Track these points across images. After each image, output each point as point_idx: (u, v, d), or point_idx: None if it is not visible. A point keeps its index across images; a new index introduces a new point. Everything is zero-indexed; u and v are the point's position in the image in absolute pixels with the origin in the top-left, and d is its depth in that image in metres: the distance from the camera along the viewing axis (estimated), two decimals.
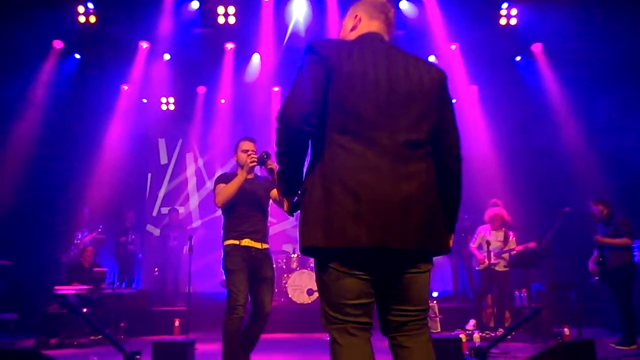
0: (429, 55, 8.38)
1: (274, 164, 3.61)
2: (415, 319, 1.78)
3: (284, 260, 8.03)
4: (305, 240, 1.73)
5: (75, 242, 7.28)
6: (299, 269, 7.60)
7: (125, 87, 8.91)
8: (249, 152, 3.73)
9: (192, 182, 10.21)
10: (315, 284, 6.13)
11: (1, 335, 5.82)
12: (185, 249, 8.63)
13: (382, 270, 1.73)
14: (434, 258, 1.84)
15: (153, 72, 8.61)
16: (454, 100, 2.54)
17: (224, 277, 3.81)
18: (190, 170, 10.25)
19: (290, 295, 7.33)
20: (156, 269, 8.46)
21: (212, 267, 9.37)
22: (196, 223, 9.90)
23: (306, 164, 1.84)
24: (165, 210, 9.98)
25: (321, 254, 1.73)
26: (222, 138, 9.88)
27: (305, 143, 1.78)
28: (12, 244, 6.54)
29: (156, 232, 9.62)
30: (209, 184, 10.16)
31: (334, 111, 1.73)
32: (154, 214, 10.05)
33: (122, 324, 6.53)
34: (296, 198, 1.87)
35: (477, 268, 6.59)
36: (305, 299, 7.34)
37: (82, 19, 7.34)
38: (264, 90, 9.31)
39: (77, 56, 8.01)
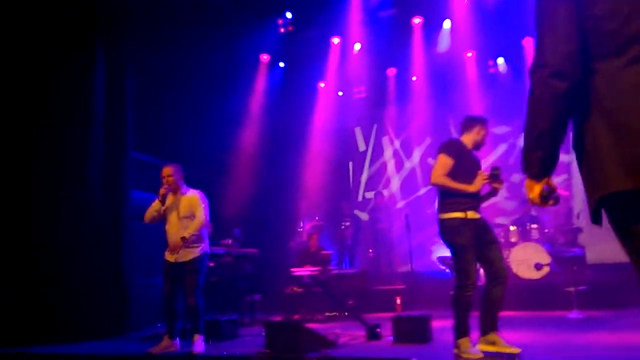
0: None
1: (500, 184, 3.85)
2: None
3: (502, 234, 7.68)
4: (604, 188, 1.41)
5: (299, 230, 8.13)
6: (521, 242, 7.16)
7: (322, 84, 9.56)
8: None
9: (390, 165, 10.46)
10: (543, 257, 5.68)
11: (254, 313, 6.78)
12: (395, 229, 8.96)
13: None
14: None
15: (345, 64, 9.06)
16: None
17: (452, 253, 3.76)
18: (388, 154, 10.50)
19: (515, 271, 6.95)
20: (370, 250, 8.90)
21: (422, 246, 9.49)
22: (400, 204, 10.11)
23: None
24: (369, 195, 10.45)
25: (627, 200, 1.39)
26: (416, 116, 9.90)
27: (575, 96, 1.48)
28: (255, 234, 7.57)
29: (363, 216, 10.13)
30: (408, 164, 10.28)
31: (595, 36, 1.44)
32: (359, 199, 10.59)
33: (349, 302, 7.05)
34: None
35: None
36: (532, 274, 6.87)
37: (282, 29, 8.13)
38: (457, 57, 9.01)
39: (281, 64, 8.90)
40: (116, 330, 6.05)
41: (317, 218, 8.24)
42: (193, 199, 4.86)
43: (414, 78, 9.54)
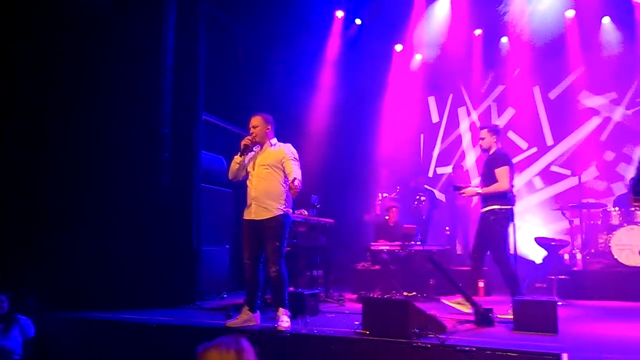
0: None
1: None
2: None
3: (601, 216, 6.88)
4: None
5: (378, 202, 7.56)
6: (625, 225, 6.36)
7: (399, 47, 8.84)
8: None
9: (466, 138, 9.67)
10: None
11: (328, 288, 6.28)
12: (472, 207, 8.24)
13: None
14: None
15: (427, 26, 8.30)
16: None
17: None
18: (464, 126, 9.70)
19: (616, 257, 6.19)
20: (447, 229, 8.26)
21: None
22: (475, 181, 9.35)
23: None
24: (440, 170, 9.75)
25: None
26: (498, 83, 9.08)
27: None
28: (330, 204, 7.05)
29: (435, 193, 9.44)
30: None
31: None
32: (430, 174, 9.89)
33: (431, 282, 6.47)
34: None
35: None
36: (637, 260, 6.09)
37: None
38: (556, 18, 8.07)
39: (358, 22, 8.22)
40: (183, 299, 5.68)
41: (398, 189, 7.64)
42: (280, 151, 4.35)
43: (504, 39, 8.62)
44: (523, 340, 3.45)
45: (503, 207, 4.66)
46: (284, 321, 4.12)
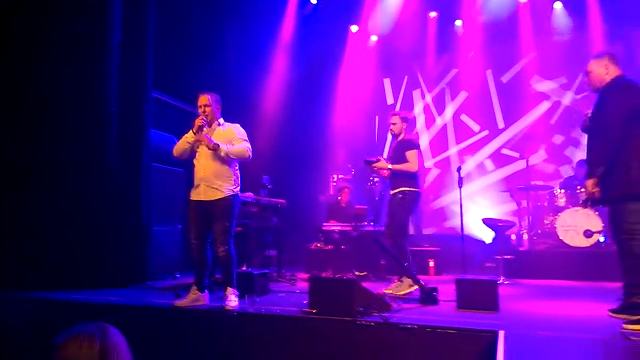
0: None
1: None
2: None
3: (547, 197, 7.14)
4: None
5: (332, 183, 7.58)
6: (570, 207, 6.63)
7: (355, 28, 8.79)
8: None
9: (420, 121, 9.80)
10: (594, 224, 5.36)
11: (280, 268, 6.30)
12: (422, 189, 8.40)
13: None
14: None
15: (382, 8, 8.27)
16: None
17: None
18: (418, 108, 9.83)
19: (561, 237, 6.45)
20: None
21: (448, 207, 9.01)
22: (428, 163, 9.54)
23: None
24: None
25: None
26: (452, 67, 9.20)
27: None
28: (283, 185, 7.02)
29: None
30: (439, 121, 9.64)
31: None
32: (384, 156, 9.97)
33: (382, 262, 6.58)
34: None
35: None
36: (581, 241, 6.37)
37: None
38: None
39: (313, 1, 8.09)
40: (134, 279, 5.58)
41: (352, 171, 7.67)
42: (229, 131, 4.29)
43: (457, 22, 8.72)
44: (464, 318, 3.56)
45: (412, 189, 4.90)
46: (232, 300, 4.12)
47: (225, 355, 3.73)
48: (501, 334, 2.97)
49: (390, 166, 4.97)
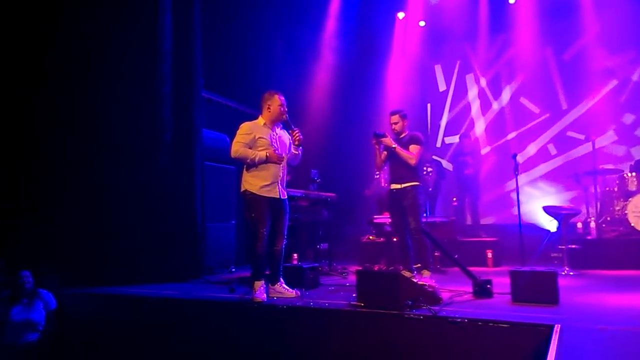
0: None
1: None
2: None
3: (617, 182, 6.66)
4: None
5: (375, 177, 7.48)
6: None
7: (402, 15, 8.59)
8: None
9: (475, 106, 9.43)
10: None
11: (331, 261, 6.29)
12: (480, 177, 8.08)
13: None
14: None
15: None
16: None
17: None
18: (472, 94, 9.45)
19: (632, 224, 5.99)
20: (454, 199, 8.13)
21: (506, 197, 8.61)
22: (485, 150, 9.15)
23: None
24: (448, 140, 9.57)
25: None
26: (507, 47, 8.76)
27: None
28: (332, 180, 7.00)
29: (443, 163, 9.30)
30: (495, 105, 9.23)
31: None
32: (438, 145, 9.72)
33: (436, 253, 6.40)
34: None
35: None
36: None
37: None
38: None
39: None
40: (190, 274, 5.78)
41: None
42: (286, 134, 4.50)
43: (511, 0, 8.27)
44: (518, 312, 3.38)
45: (421, 184, 5.05)
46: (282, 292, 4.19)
47: (273, 348, 3.76)
48: (556, 328, 2.79)
49: (394, 145, 4.98)
